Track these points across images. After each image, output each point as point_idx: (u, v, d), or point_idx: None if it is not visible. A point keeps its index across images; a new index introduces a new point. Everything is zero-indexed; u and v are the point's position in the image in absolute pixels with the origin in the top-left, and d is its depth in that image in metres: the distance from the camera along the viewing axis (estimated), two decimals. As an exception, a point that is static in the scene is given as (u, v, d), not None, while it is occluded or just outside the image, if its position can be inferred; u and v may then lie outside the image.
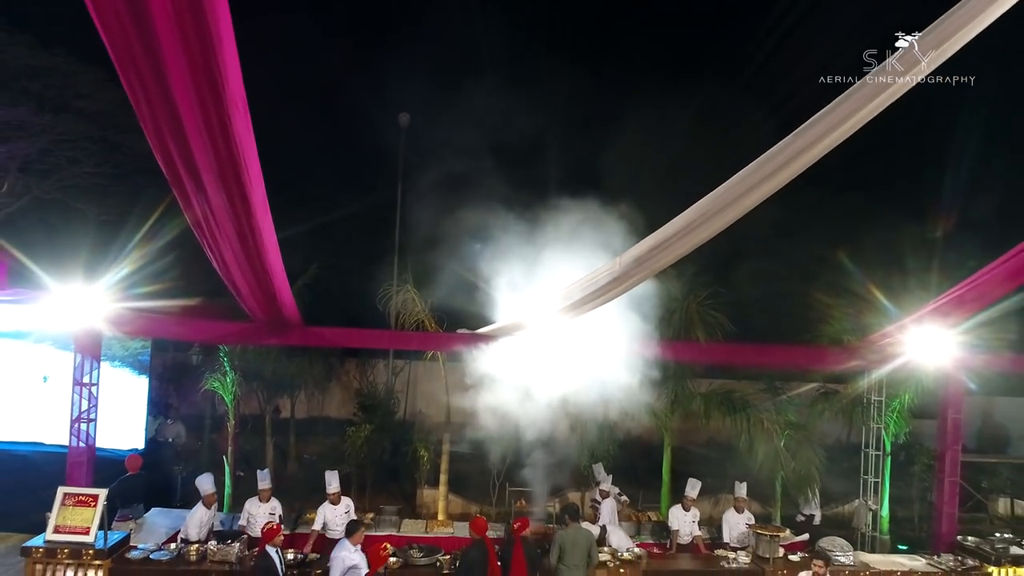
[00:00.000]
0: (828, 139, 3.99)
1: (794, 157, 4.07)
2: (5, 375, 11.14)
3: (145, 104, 3.41)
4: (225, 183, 3.86)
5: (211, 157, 3.63)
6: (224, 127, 3.35)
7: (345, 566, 6.65)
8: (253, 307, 6.49)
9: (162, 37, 2.85)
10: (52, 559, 7.29)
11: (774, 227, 12.07)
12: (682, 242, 4.76)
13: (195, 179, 3.85)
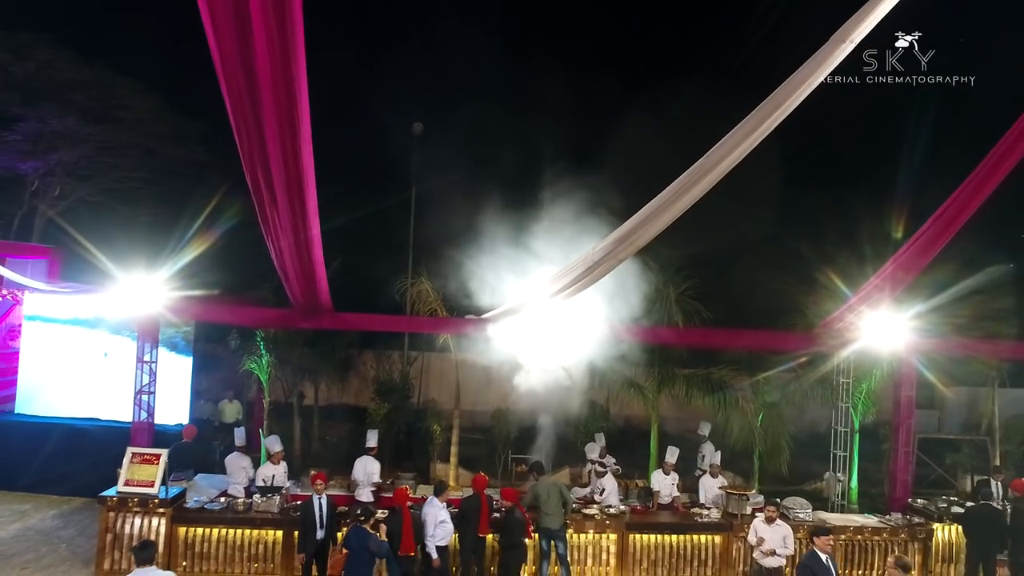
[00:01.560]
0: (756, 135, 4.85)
1: (726, 154, 5.08)
2: (65, 358, 12.50)
3: (247, 143, 4.58)
4: (290, 194, 5.06)
5: (283, 176, 4.83)
6: (296, 155, 4.54)
7: (437, 520, 7.90)
8: (296, 292, 7.74)
9: (264, 99, 4.02)
10: (123, 507, 8.62)
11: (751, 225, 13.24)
12: (644, 231, 5.93)
13: (271, 192, 5.06)
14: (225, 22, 3.31)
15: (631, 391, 11.86)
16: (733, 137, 4.61)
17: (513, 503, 8.36)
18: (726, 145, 4.65)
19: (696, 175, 5.07)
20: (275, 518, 8.77)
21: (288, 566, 8.69)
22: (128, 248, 13.95)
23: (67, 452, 11.71)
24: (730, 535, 9.16)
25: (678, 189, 5.28)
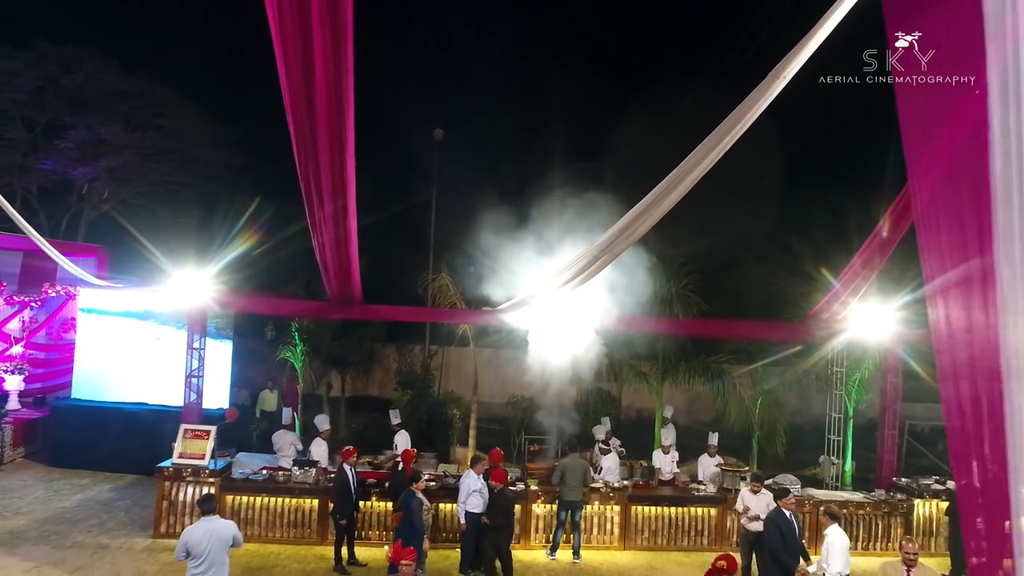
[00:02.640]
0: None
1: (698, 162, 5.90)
2: (117, 347, 13.63)
3: (304, 158, 5.50)
4: (334, 197, 5.99)
5: (331, 184, 5.75)
6: (342, 167, 5.45)
7: (471, 489, 8.86)
8: (333, 284, 8.70)
9: (319, 125, 4.93)
10: (178, 477, 9.68)
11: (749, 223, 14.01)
12: (634, 228, 6.79)
13: (319, 196, 5.98)
14: (295, 64, 4.20)
15: (638, 379, 12.72)
16: (693, 157, 5.47)
17: (503, 485, 9.12)
18: (689, 163, 5.51)
19: (667, 186, 5.95)
20: (311, 488, 9.78)
21: (322, 531, 9.70)
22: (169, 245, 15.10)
23: (119, 433, 12.79)
24: (724, 507, 10.01)
25: (657, 195, 6.16)
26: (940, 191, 3.08)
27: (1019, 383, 2.84)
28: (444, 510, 9.77)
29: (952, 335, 3.37)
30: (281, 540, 9.70)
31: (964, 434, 3.35)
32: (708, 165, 5.53)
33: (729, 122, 5.07)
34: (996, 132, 2.73)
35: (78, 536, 9.60)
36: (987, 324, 3.11)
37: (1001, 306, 2.81)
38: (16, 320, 14.91)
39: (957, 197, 2.99)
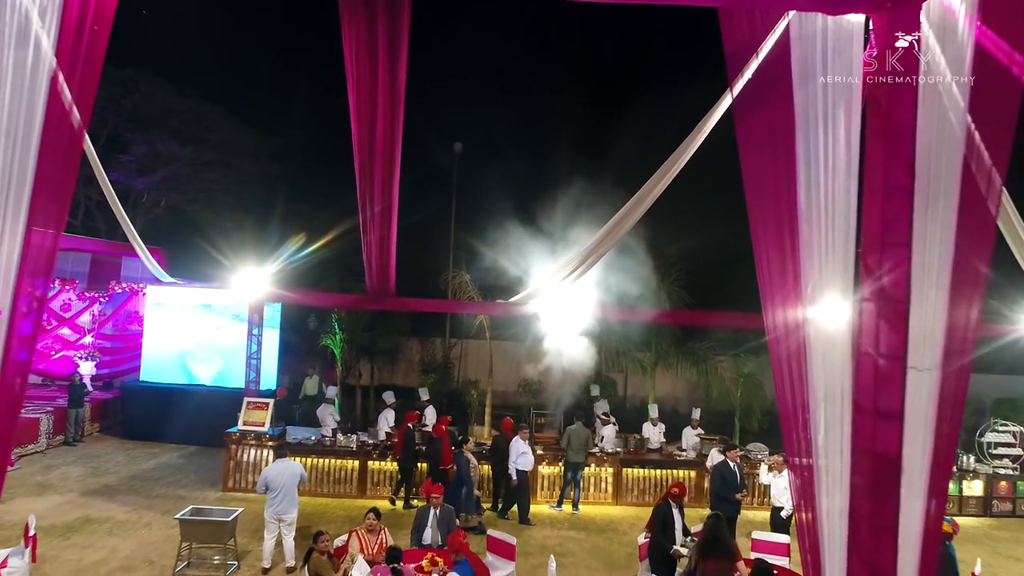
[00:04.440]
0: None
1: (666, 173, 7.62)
2: (179, 336, 15.61)
3: (362, 174, 7.27)
4: (383, 205, 7.76)
5: (381, 191, 7.52)
6: (391, 177, 7.23)
7: (519, 451, 10.69)
8: (374, 278, 10.47)
9: (378, 149, 6.73)
10: (242, 440, 11.58)
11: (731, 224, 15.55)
12: (614, 234, 8.52)
13: (371, 203, 7.75)
14: (366, 100, 5.92)
15: (633, 364, 14.47)
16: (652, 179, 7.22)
17: (504, 431, 11.07)
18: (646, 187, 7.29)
19: (636, 200, 7.71)
20: (353, 451, 11.64)
21: (362, 487, 11.57)
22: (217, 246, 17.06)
23: (181, 410, 14.75)
24: (702, 469, 11.72)
25: (629, 208, 7.93)
26: (768, 209, 4.68)
27: (818, 355, 4.50)
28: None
29: (775, 323, 4.92)
30: (328, 494, 11.57)
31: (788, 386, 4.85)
32: (666, 183, 7.29)
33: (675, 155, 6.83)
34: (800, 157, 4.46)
35: (160, 490, 11.55)
36: (797, 314, 4.71)
37: (804, 301, 4.52)
38: (87, 314, 16.95)
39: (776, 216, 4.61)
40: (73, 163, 4.58)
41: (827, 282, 4.52)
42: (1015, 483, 12.32)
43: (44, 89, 4.36)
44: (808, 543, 4.57)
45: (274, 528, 8.42)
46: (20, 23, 4.34)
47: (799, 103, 4.56)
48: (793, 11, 4.55)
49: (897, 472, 4.28)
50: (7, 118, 4.31)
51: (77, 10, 4.45)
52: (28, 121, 4.34)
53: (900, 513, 4.26)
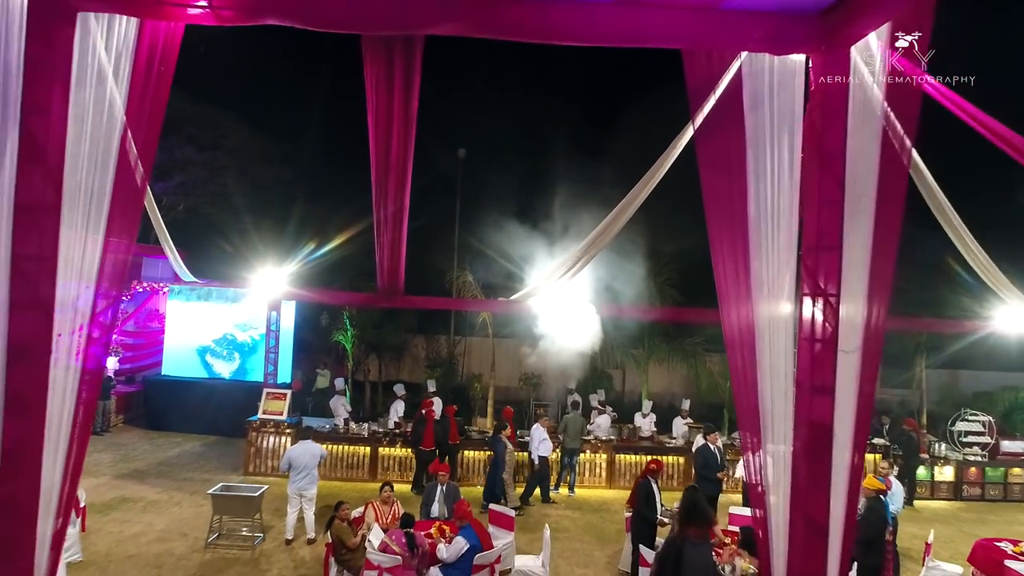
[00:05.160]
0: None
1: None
2: (198, 332, 16.52)
3: (378, 181, 8.15)
4: (395, 205, 8.62)
5: (394, 198, 8.38)
6: (403, 187, 8.08)
7: (540, 438, 11.57)
8: (384, 276, 11.33)
9: (393, 159, 7.61)
10: (262, 428, 12.48)
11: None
12: (603, 237, 9.38)
13: (385, 205, 8.60)
14: (383, 124, 6.79)
15: (627, 359, 15.33)
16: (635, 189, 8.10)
17: (507, 419, 11.92)
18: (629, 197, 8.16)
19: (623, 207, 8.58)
20: (365, 438, 12.53)
21: (373, 471, 12.44)
22: (234, 247, 17.95)
23: (202, 402, 15.67)
24: (689, 455, 12.57)
25: (616, 214, 8.81)
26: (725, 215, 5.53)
27: (766, 341, 5.35)
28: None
29: (730, 315, 5.73)
30: (341, 478, 12.45)
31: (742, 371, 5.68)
32: (646, 194, 8.15)
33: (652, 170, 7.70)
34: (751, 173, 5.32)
35: (187, 474, 12.45)
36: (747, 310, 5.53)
37: (754, 296, 5.38)
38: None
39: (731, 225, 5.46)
40: (143, 181, 5.45)
41: (773, 280, 5.38)
42: (984, 469, 13.16)
43: (120, 121, 5.24)
44: (756, 498, 5.43)
45: (296, 503, 9.32)
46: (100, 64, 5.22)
47: (750, 129, 5.42)
48: (745, 52, 5.41)
49: (830, 436, 5.15)
50: (89, 144, 5.20)
51: (147, 51, 5.32)
52: (106, 148, 5.22)
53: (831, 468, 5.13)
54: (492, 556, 7.42)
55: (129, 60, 5.28)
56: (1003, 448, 13.36)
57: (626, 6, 5.15)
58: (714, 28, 5.28)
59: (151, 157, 5.48)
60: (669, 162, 8.10)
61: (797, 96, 5.38)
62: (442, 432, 11.86)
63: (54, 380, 5.05)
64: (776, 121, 5.37)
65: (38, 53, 4.96)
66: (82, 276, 5.22)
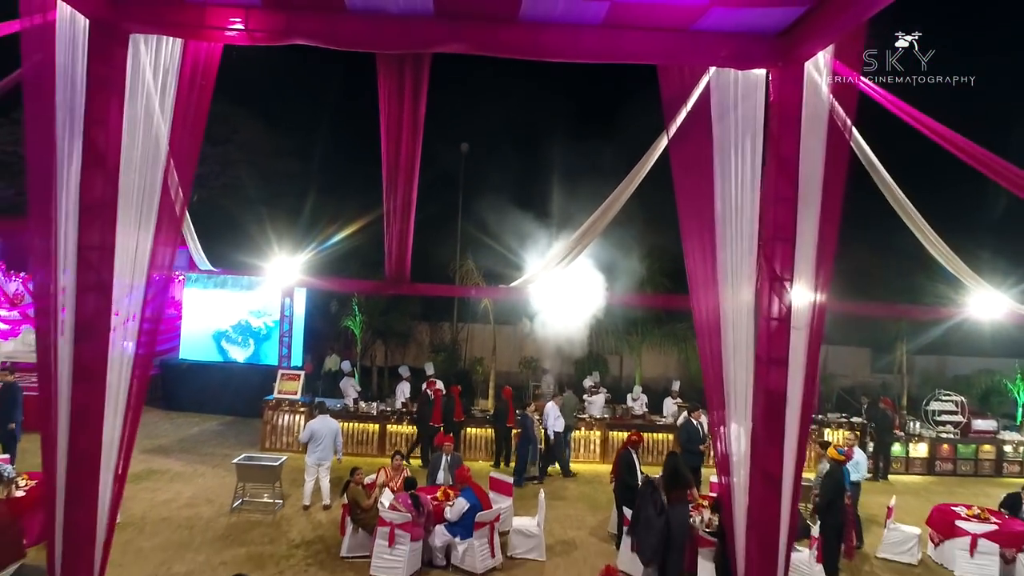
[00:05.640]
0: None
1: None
2: (214, 318, 17.35)
3: (388, 175, 8.89)
4: (403, 199, 9.37)
5: (403, 192, 9.13)
6: (411, 183, 8.83)
7: (555, 415, 12.40)
8: (392, 264, 12.10)
9: (402, 158, 8.36)
10: (278, 407, 13.33)
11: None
12: (593, 229, 10.15)
13: (394, 197, 9.36)
14: (393, 128, 7.54)
15: (620, 343, 16.15)
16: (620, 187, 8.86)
17: (506, 397, 12.90)
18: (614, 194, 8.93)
19: (612, 200, 9.36)
20: (374, 416, 13.38)
21: (381, 447, 13.28)
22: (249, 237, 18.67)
23: (218, 385, 16.52)
24: (678, 432, 13.39)
25: (605, 207, 9.59)
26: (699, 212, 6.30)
27: (730, 321, 6.14)
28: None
29: (699, 298, 6.52)
30: (351, 454, 13.27)
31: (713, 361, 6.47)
32: (632, 189, 8.92)
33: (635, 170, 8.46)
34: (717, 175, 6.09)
35: (208, 449, 13.31)
36: (714, 294, 6.32)
37: (720, 281, 6.16)
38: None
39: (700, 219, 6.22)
40: (187, 182, 6.24)
41: (736, 268, 6.16)
42: (956, 446, 13.97)
43: (167, 129, 6.02)
44: (720, 459, 6.24)
45: (313, 472, 10.17)
46: (149, 79, 6.00)
47: (717, 135, 6.19)
48: (713, 67, 6.17)
49: (784, 400, 5.96)
50: (140, 150, 5.98)
51: (190, 68, 6.10)
52: (155, 154, 6.00)
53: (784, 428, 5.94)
54: (491, 515, 8.25)
55: (174, 76, 6.06)
56: (974, 427, 14.17)
57: (607, 28, 5.91)
58: (686, 47, 6.04)
59: (194, 161, 6.27)
60: (650, 163, 8.90)
61: (759, 107, 6.13)
62: (447, 410, 12.69)
63: (112, 352, 5.87)
64: (740, 128, 6.13)
65: (97, 71, 5.73)
66: (136, 264, 6.03)
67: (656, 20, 5.79)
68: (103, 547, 5.96)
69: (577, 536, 9.72)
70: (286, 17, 5.90)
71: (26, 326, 18.92)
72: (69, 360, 5.68)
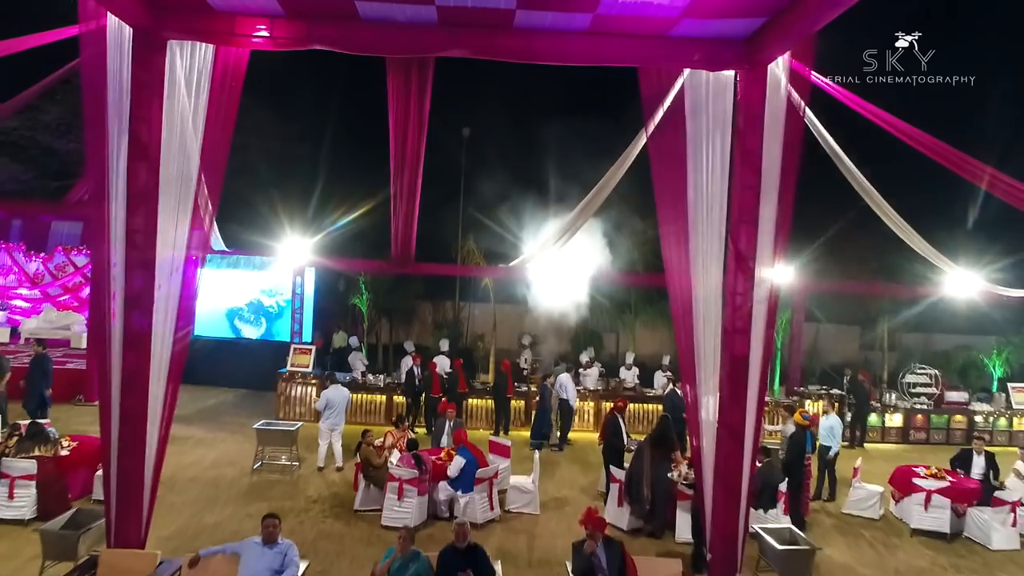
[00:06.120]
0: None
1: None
2: (227, 296, 18.17)
3: (396, 170, 9.59)
4: (409, 183, 10.11)
5: (409, 179, 9.86)
6: (416, 171, 9.55)
7: (571, 386, 13.27)
8: (398, 244, 12.87)
9: (409, 146, 9.09)
10: (291, 379, 14.21)
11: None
12: (585, 212, 10.89)
13: (400, 181, 10.07)
14: (400, 122, 8.25)
15: (615, 320, 16.97)
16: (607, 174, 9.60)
17: (504, 370, 13.72)
18: (606, 177, 9.63)
19: (601, 186, 10.11)
20: (381, 388, 14.25)
21: (388, 416, 14.16)
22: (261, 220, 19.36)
23: (233, 360, 17.37)
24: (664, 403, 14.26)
25: (594, 193, 10.36)
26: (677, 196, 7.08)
27: (701, 295, 6.93)
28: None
29: (673, 276, 7.32)
30: (360, 423, 14.15)
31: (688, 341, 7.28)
32: (619, 176, 9.69)
33: (623, 158, 9.21)
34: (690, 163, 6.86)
35: (226, 418, 14.21)
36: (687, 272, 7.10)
37: (692, 260, 6.94)
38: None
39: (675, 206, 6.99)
40: (220, 172, 7.03)
41: (707, 248, 6.94)
42: (929, 416, 14.82)
43: (201, 125, 6.79)
44: (692, 417, 7.07)
45: (327, 437, 11.05)
46: (184, 81, 6.75)
47: (690, 130, 6.94)
48: (687, 69, 6.90)
49: (747, 364, 6.77)
50: (178, 144, 6.75)
51: (220, 71, 6.85)
52: (191, 147, 6.78)
53: (747, 389, 6.76)
54: (489, 472, 9.13)
55: (207, 78, 6.83)
56: (947, 398, 15.01)
57: (592, 35, 6.65)
58: (663, 51, 6.77)
59: (225, 154, 7.05)
60: (639, 146, 9.66)
61: (728, 105, 6.88)
62: (451, 382, 13.54)
63: (155, 323, 6.69)
64: (711, 124, 6.89)
65: (140, 74, 6.49)
66: (175, 244, 6.83)
67: (635, 28, 6.52)
68: (150, 493, 6.86)
69: (569, 494, 10.60)
70: (306, 25, 6.65)
71: (47, 304, 19.82)
72: (120, 330, 6.51)
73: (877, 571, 8.38)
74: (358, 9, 6.31)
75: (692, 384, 7.12)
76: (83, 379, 15.20)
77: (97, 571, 6.18)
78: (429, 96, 7.86)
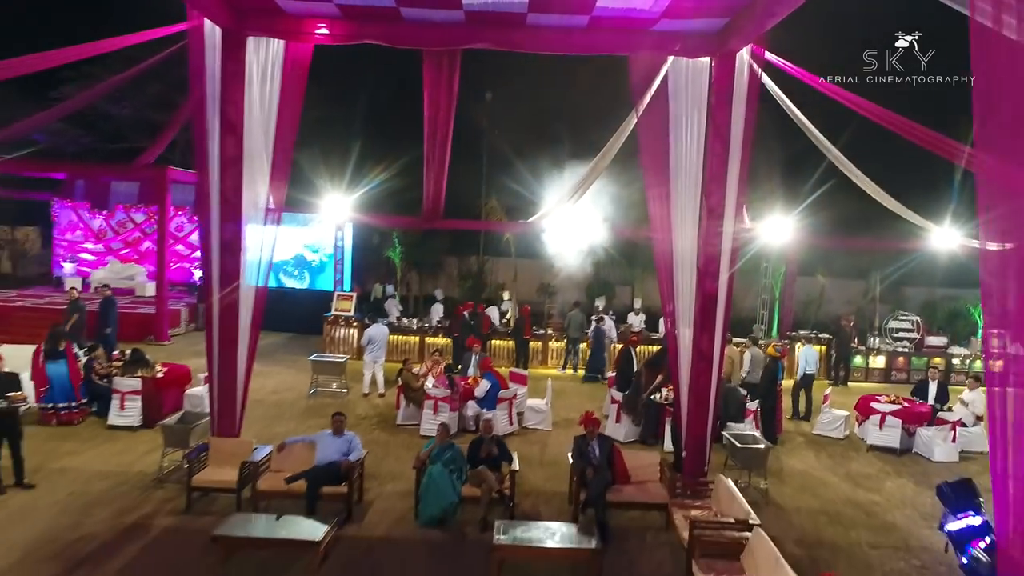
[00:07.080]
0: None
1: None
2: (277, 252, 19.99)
3: (430, 134, 11.16)
4: (440, 148, 11.69)
5: (440, 144, 11.43)
6: (446, 138, 11.09)
7: (614, 331, 15.06)
8: (429, 200, 14.50)
9: (440, 114, 10.66)
10: (335, 322, 16.10)
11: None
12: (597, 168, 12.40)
13: (433, 142, 11.64)
14: (434, 98, 9.84)
15: (627, 271, 18.54)
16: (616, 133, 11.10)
17: (523, 314, 15.36)
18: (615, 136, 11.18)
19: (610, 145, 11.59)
20: (414, 330, 16.10)
21: (421, 356, 16.01)
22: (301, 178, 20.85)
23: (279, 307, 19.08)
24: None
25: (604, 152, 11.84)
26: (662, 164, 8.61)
27: (680, 246, 8.50)
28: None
29: (657, 230, 8.89)
30: (396, 361, 15.93)
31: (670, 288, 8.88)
32: (622, 140, 11.15)
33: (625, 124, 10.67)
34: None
35: (279, 356, 16.18)
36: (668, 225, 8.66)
37: (673, 216, 8.49)
38: (196, 234, 21.42)
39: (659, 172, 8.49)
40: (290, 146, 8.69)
41: (685, 205, 8.48)
42: (910, 359, 16.30)
43: (275, 106, 8.43)
44: (671, 353, 8.73)
45: (370, 368, 12.92)
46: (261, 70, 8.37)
47: (672, 108, 8.43)
48: (670, 56, 8.36)
49: (716, 299, 8.38)
50: (256, 121, 8.41)
51: (290, 61, 8.46)
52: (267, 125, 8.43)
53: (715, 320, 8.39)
54: (510, 393, 10.94)
55: (279, 67, 8.44)
56: (927, 342, 16.46)
57: (590, 30, 8.13)
58: (649, 42, 8.23)
59: (295, 130, 8.69)
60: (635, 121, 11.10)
61: (704, 87, 8.34)
62: (477, 325, 15.33)
63: (243, 269, 8.47)
64: (690, 103, 8.37)
65: (227, 66, 8.12)
66: (257, 206, 8.56)
67: (625, 24, 7.98)
68: (240, 402, 8.73)
69: (576, 416, 12.28)
70: (359, 24, 8.23)
71: (111, 257, 21.89)
72: (218, 273, 8.31)
73: (830, 474, 10.07)
74: (401, 12, 7.85)
75: (672, 317, 8.75)
76: (151, 322, 17.26)
77: (208, 453, 8.08)
78: (457, 78, 9.38)
